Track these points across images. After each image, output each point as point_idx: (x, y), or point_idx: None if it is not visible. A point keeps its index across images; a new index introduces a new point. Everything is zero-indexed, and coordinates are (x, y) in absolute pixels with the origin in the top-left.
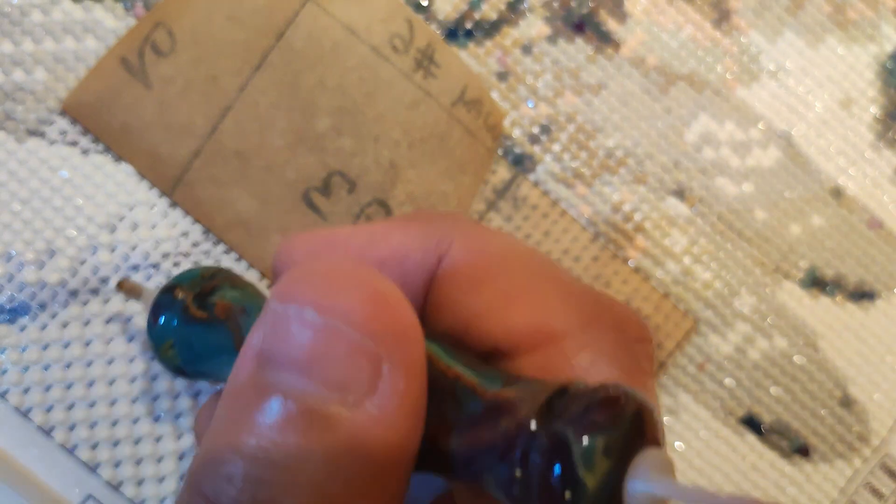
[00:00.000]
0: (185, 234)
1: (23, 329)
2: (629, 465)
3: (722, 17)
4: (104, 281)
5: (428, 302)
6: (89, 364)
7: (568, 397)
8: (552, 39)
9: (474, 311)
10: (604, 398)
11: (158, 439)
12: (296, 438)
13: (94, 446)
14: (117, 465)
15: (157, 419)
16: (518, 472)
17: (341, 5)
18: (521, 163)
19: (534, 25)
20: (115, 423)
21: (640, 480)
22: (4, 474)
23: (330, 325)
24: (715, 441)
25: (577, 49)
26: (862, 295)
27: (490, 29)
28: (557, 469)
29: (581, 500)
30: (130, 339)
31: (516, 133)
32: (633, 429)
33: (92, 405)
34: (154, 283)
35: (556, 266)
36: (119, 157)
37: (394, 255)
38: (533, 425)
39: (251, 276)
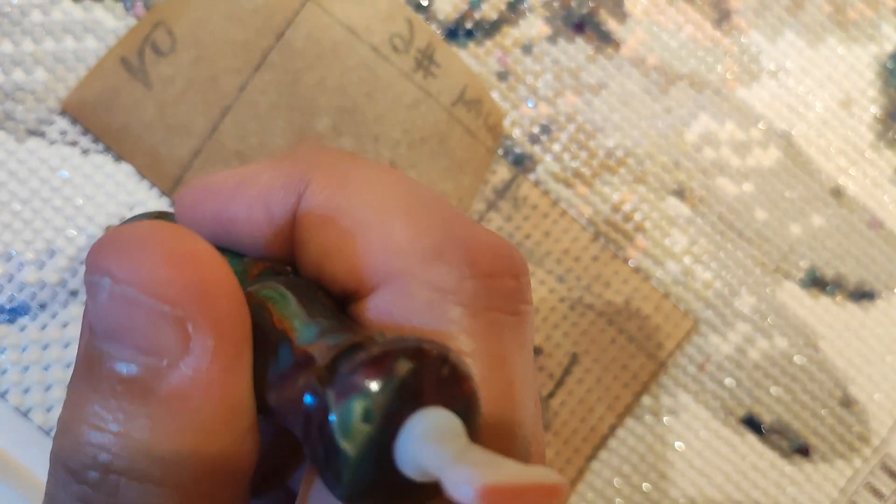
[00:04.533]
0: None
1: (23, 329)
2: (398, 429)
3: (722, 16)
4: None
5: (294, 243)
6: None
7: (348, 355)
8: (552, 39)
9: (322, 250)
10: (371, 357)
11: None
12: (121, 404)
13: None
14: None
15: None
16: (302, 438)
17: (341, 5)
18: (522, 163)
19: (534, 25)
20: None
21: (406, 446)
22: (4, 474)
23: (125, 293)
24: (715, 441)
25: (578, 49)
26: (862, 295)
27: (490, 29)
28: (323, 437)
29: (344, 469)
30: None
31: (516, 133)
32: (405, 390)
33: None
34: None
35: (419, 195)
36: (119, 157)
37: (260, 195)
38: (312, 387)
39: None
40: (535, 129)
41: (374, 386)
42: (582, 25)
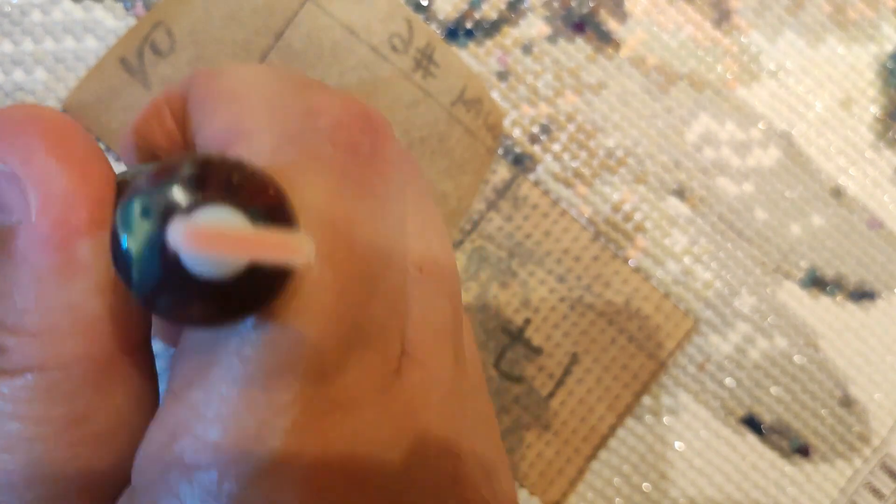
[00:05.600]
0: None
1: None
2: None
3: (722, 16)
4: None
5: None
6: None
7: (147, 172)
8: (552, 39)
9: (196, 126)
10: (160, 167)
11: None
12: None
13: None
14: None
15: None
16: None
17: (341, 5)
18: (522, 162)
19: (534, 25)
20: None
21: (174, 234)
22: None
23: None
24: (715, 441)
25: (578, 49)
26: (862, 295)
27: (490, 28)
28: (114, 241)
29: (132, 268)
30: None
31: (516, 133)
32: (186, 189)
33: None
34: None
35: (282, 73)
36: (119, 157)
37: (173, 94)
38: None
39: None
40: (536, 129)
41: (154, 186)
42: (582, 25)
